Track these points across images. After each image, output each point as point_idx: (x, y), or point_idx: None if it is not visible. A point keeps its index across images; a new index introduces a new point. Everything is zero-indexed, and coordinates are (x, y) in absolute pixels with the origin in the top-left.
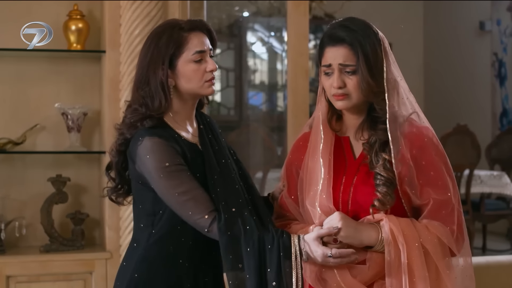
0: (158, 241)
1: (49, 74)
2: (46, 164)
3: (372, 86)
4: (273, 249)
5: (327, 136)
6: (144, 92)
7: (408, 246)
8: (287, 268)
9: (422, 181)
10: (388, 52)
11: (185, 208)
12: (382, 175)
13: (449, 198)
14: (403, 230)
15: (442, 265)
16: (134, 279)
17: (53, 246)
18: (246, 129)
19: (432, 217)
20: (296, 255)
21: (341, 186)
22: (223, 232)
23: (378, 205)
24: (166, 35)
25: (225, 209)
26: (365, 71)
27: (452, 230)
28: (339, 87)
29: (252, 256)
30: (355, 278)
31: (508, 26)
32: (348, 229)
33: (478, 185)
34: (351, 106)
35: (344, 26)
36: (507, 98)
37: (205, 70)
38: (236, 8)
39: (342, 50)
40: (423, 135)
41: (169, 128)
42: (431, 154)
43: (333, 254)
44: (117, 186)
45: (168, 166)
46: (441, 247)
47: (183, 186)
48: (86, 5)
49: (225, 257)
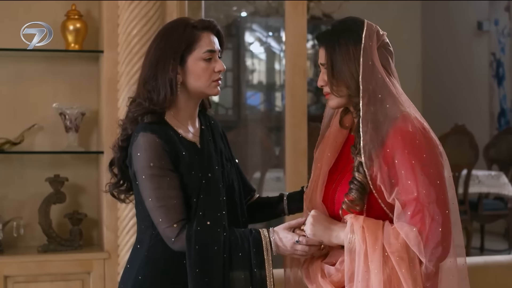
0: (161, 241)
1: (47, 74)
2: (44, 164)
3: (337, 85)
4: (244, 255)
5: (331, 134)
6: (150, 87)
7: (368, 247)
8: (259, 268)
9: (394, 181)
10: (373, 53)
11: (156, 214)
12: (357, 179)
13: (415, 198)
14: (366, 229)
15: (404, 271)
16: (139, 281)
17: (51, 246)
18: (244, 129)
19: (398, 218)
20: (268, 249)
21: (333, 184)
22: (191, 243)
23: (346, 208)
24: (178, 32)
25: (199, 220)
26: (329, 70)
27: (419, 231)
28: (320, 86)
29: (219, 276)
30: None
31: (506, 26)
32: (317, 227)
33: (476, 185)
34: (338, 104)
35: (329, 27)
36: (505, 98)
37: (213, 70)
38: (234, 8)
39: (321, 50)
40: (398, 133)
41: (168, 126)
42: (403, 153)
43: (301, 240)
44: (118, 182)
45: (152, 167)
46: (406, 252)
47: (159, 192)
48: (84, 5)
49: (191, 270)
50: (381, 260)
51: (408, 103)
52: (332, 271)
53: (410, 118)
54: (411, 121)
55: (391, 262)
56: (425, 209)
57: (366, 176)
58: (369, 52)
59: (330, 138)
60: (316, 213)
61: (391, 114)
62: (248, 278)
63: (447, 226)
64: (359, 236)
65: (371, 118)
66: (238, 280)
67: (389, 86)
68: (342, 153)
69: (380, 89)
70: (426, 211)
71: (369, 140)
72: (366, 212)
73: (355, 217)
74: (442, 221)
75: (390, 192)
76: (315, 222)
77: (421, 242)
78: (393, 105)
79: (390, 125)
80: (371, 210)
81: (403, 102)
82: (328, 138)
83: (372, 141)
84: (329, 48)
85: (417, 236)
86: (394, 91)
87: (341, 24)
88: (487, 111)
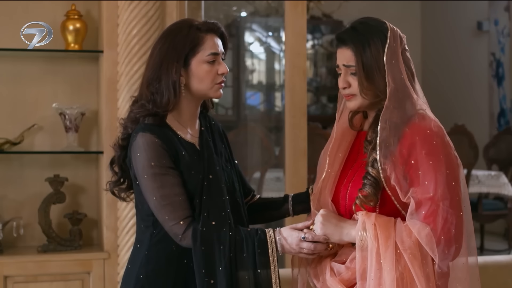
0: (160, 241)
1: (47, 74)
2: (43, 164)
3: (369, 88)
4: (249, 255)
5: (341, 134)
6: (154, 89)
7: (380, 244)
8: (264, 268)
9: (410, 181)
10: (397, 54)
11: (162, 212)
12: (371, 174)
13: (430, 198)
14: (378, 227)
15: (416, 269)
16: (140, 281)
17: (51, 246)
18: (243, 129)
19: (411, 216)
20: (273, 249)
21: (344, 180)
22: (197, 243)
23: (359, 204)
24: (182, 34)
25: (204, 221)
26: (361, 73)
27: (432, 230)
28: (343, 88)
29: (224, 276)
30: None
31: (505, 26)
32: (327, 225)
33: (476, 185)
34: (360, 106)
35: (352, 27)
36: (504, 98)
37: (217, 73)
38: (234, 8)
39: (346, 51)
40: (416, 133)
41: (168, 127)
42: (420, 152)
43: (307, 237)
44: (119, 180)
45: (153, 166)
46: (419, 250)
47: (163, 190)
48: (83, 5)
49: (198, 271)
50: (393, 257)
51: (426, 106)
52: (342, 269)
53: (428, 119)
54: (429, 122)
55: (403, 259)
56: (440, 209)
57: (380, 172)
58: (394, 52)
59: (338, 139)
60: (325, 211)
61: (409, 114)
62: (252, 279)
63: (460, 227)
64: (371, 233)
65: (390, 116)
66: (243, 280)
67: (409, 87)
68: (351, 151)
69: (402, 90)
70: (440, 211)
71: (386, 137)
72: (379, 208)
73: (366, 214)
74: (456, 222)
75: (405, 192)
76: (325, 221)
77: (434, 241)
78: (411, 106)
79: (408, 124)
80: (384, 206)
81: (422, 104)
82: (336, 140)
83: (388, 138)
84: (358, 49)
85: (430, 235)
86: (414, 92)
87: (365, 25)
88: (486, 111)
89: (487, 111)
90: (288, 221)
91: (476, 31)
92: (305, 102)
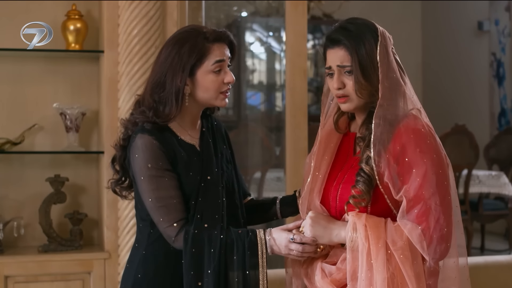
0: (158, 240)
1: (47, 74)
2: (44, 164)
3: (365, 86)
4: (239, 257)
5: (326, 137)
6: (157, 97)
7: (371, 245)
8: (253, 269)
9: (402, 178)
10: (388, 51)
11: (157, 213)
12: (364, 171)
13: (423, 197)
14: (369, 228)
15: (407, 269)
16: (138, 280)
17: (51, 246)
18: (244, 129)
19: (403, 215)
20: (263, 251)
21: (334, 182)
22: (187, 245)
23: (353, 203)
24: (189, 43)
25: (197, 223)
26: (358, 71)
27: (423, 230)
28: (338, 88)
29: (212, 278)
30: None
31: (506, 26)
32: (316, 227)
33: (477, 185)
34: (354, 107)
35: (342, 27)
36: (505, 98)
37: (222, 82)
38: (235, 8)
39: (339, 51)
40: (410, 131)
41: (168, 129)
42: (415, 151)
43: (295, 238)
44: (120, 178)
45: (150, 168)
46: (410, 250)
47: (158, 192)
48: (84, 5)
49: (186, 272)
50: (384, 258)
51: (419, 104)
52: (333, 270)
53: (421, 118)
54: (422, 121)
55: (394, 260)
56: (432, 209)
57: (374, 169)
58: (386, 50)
59: (323, 142)
60: (313, 213)
61: (403, 112)
62: (242, 280)
63: (450, 226)
64: (361, 234)
65: (383, 113)
66: (232, 282)
67: (402, 85)
68: (338, 153)
69: (395, 87)
70: (432, 211)
71: (380, 134)
72: (371, 207)
73: (357, 215)
74: (446, 221)
75: (397, 190)
76: (314, 223)
77: (424, 241)
78: (405, 104)
79: (401, 122)
80: (376, 204)
81: (415, 102)
82: (321, 143)
83: (382, 135)
84: (353, 49)
85: (421, 235)
86: (407, 90)
87: (355, 24)
88: (487, 111)
89: (488, 111)
90: (288, 220)
91: (476, 31)
92: (305, 102)
